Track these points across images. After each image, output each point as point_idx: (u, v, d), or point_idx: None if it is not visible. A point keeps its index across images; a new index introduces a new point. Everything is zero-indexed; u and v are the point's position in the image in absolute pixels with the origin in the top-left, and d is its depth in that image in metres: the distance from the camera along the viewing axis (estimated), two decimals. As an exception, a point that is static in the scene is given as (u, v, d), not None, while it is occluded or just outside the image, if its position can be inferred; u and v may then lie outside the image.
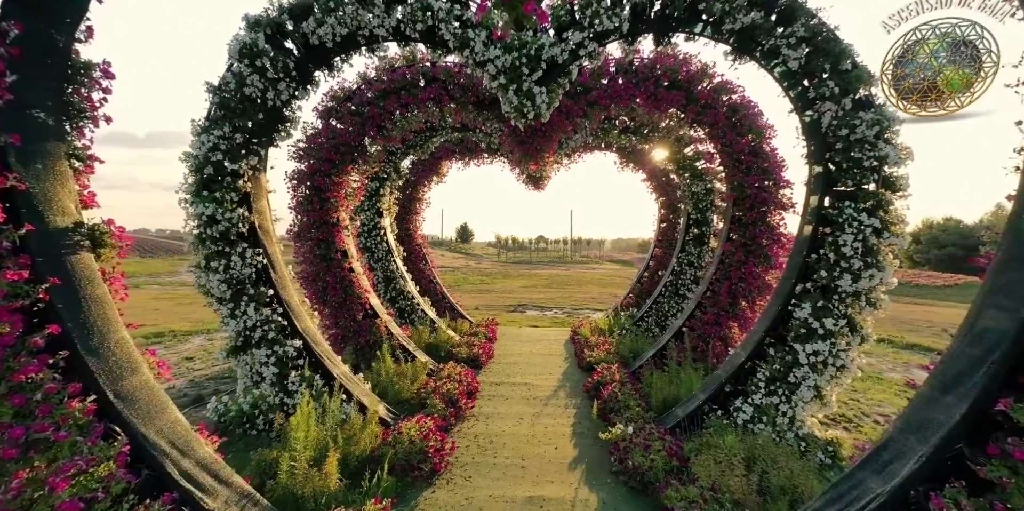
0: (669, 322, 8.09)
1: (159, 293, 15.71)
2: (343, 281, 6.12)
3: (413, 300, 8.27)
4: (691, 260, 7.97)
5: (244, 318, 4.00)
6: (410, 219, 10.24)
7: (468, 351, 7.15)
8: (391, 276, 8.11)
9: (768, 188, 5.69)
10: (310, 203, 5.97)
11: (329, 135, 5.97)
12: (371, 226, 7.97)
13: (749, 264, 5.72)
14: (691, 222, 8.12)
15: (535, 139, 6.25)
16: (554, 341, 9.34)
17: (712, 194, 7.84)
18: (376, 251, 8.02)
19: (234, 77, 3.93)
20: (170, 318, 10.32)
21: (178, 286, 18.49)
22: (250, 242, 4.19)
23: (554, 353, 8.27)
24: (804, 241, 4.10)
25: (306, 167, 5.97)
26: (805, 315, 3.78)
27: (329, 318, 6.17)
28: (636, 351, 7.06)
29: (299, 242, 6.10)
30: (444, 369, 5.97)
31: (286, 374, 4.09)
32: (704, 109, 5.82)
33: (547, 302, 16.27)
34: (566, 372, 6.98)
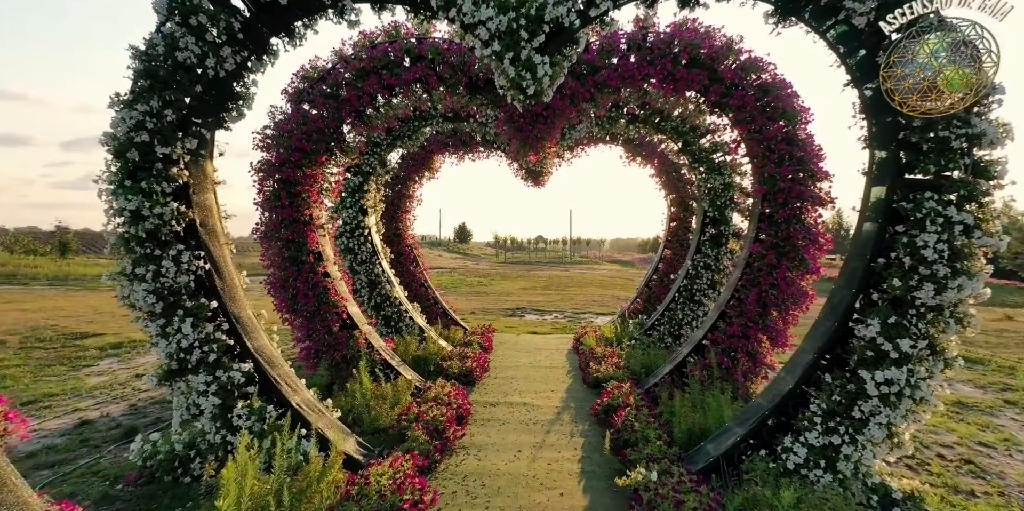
0: (684, 331, 7.35)
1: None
2: (316, 287, 5.36)
3: (400, 307, 7.51)
4: (708, 263, 7.23)
5: (178, 337, 3.24)
6: (400, 218, 9.48)
7: (460, 365, 6.40)
8: (376, 280, 7.36)
9: (803, 181, 4.94)
10: (278, 198, 5.20)
11: (300, 121, 5.20)
12: (354, 225, 7.22)
13: (782, 268, 4.97)
14: (707, 221, 7.37)
15: (535, 126, 5.50)
16: (555, 351, 8.59)
17: (731, 190, 7.10)
18: (359, 253, 7.26)
19: (163, 39, 3.17)
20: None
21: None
22: (189, 244, 3.43)
23: (556, 365, 7.51)
24: (866, 242, 3.35)
25: (273, 157, 5.21)
26: (872, 334, 3.03)
27: (301, 329, 5.41)
28: (649, 366, 6.31)
29: (266, 243, 5.34)
30: (431, 389, 5.21)
31: (231, 405, 3.33)
32: (729, 90, 5.07)
33: (547, 305, 15.53)
34: (570, 389, 6.22)
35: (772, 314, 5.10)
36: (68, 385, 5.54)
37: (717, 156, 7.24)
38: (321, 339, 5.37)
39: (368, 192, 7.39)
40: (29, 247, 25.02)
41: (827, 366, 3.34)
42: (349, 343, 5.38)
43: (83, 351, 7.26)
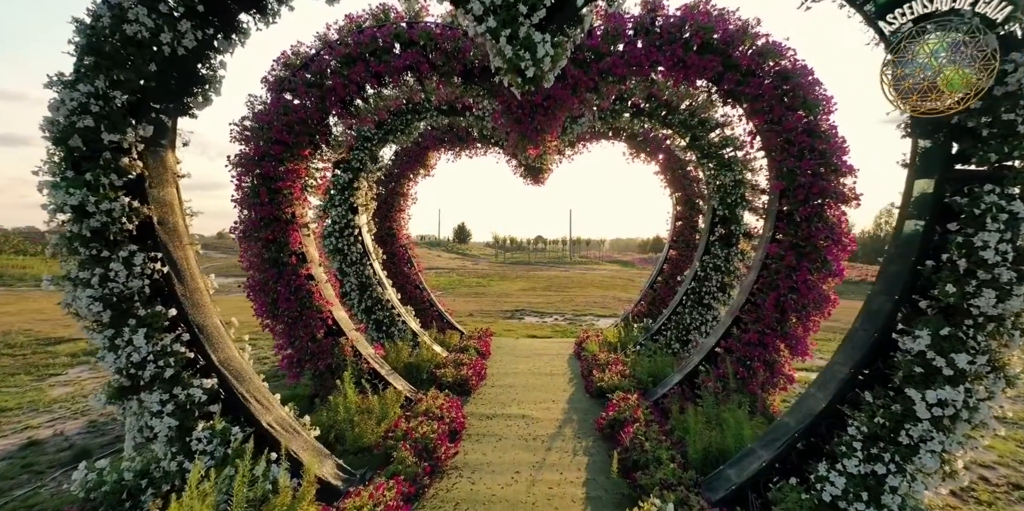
0: (692, 337, 6.96)
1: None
2: (299, 291, 4.97)
3: (393, 310, 7.11)
4: (717, 264, 6.84)
5: (129, 350, 2.84)
6: (393, 217, 9.09)
7: (455, 373, 6.00)
8: (367, 283, 6.96)
9: (825, 176, 4.56)
10: (257, 195, 4.81)
11: (280, 111, 4.81)
12: (343, 224, 6.82)
13: (802, 270, 4.59)
14: (716, 220, 6.99)
15: (535, 117, 5.10)
16: (556, 356, 8.20)
17: (742, 187, 6.71)
18: (349, 254, 6.87)
19: (109, 10, 2.78)
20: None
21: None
22: (145, 244, 3.03)
23: (557, 372, 7.12)
24: (909, 243, 2.96)
25: (252, 150, 4.81)
26: (921, 347, 2.64)
27: (282, 336, 5.02)
28: (656, 374, 5.92)
29: (245, 243, 4.95)
30: (423, 401, 4.81)
31: (189, 427, 2.94)
32: (745, 77, 4.69)
33: (547, 307, 15.14)
34: (572, 399, 5.83)
35: (791, 320, 4.71)
36: (26, 398, 5.14)
37: (727, 151, 6.86)
38: (304, 347, 4.98)
39: (358, 189, 7.00)
40: (19, 247, 24.56)
41: (866, 382, 2.95)
42: (334, 351, 4.99)
43: (54, 358, 6.86)
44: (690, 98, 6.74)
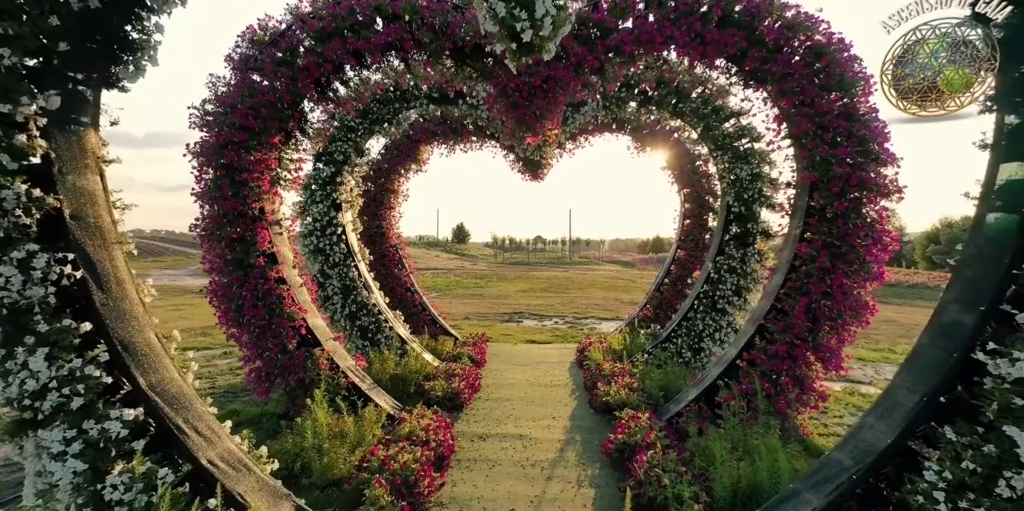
0: (705, 344, 6.39)
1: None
2: (267, 296, 4.40)
3: (380, 316, 6.54)
4: (732, 265, 6.27)
5: (23, 376, 2.27)
6: (383, 215, 8.52)
7: (445, 386, 5.43)
8: (351, 286, 6.39)
9: (864, 165, 4.00)
10: (219, 188, 4.24)
11: (245, 93, 4.24)
12: (325, 222, 6.25)
13: (837, 273, 4.02)
14: (731, 217, 6.42)
15: (533, 101, 4.54)
16: (556, 363, 7.63)
17: (760, 181, 6.15)
18: (332, 254, 6.30)
19: (-6, -54, 2.21)
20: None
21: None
22: (53, 243, 2.46)
23: (557, 382, 6.56)
24: (996, 241, 2.40)
25: (213, 137, 4.24)
26: (1022, 374, 2.08)
27: (248, 348, 4.44)
28: (668, 388, 5.35)
29: (207, 243, 4.38)
30: (406, 422, 4.24)
31: (104, 470, 2.36)
32: (772, 54, 4.14)
33: (546, 309, 14.57)
34: (575, 415, 5.26)
35: (824, 329, 4.15)
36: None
37: (743, 142, 6.30)
38: (273, 359, 4.40)
39: (342, 184, 6.43)
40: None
41: (943, 414, 2.39)
42: (307, 364, 4.41)
43: None
44: (703, 85, 6.20)
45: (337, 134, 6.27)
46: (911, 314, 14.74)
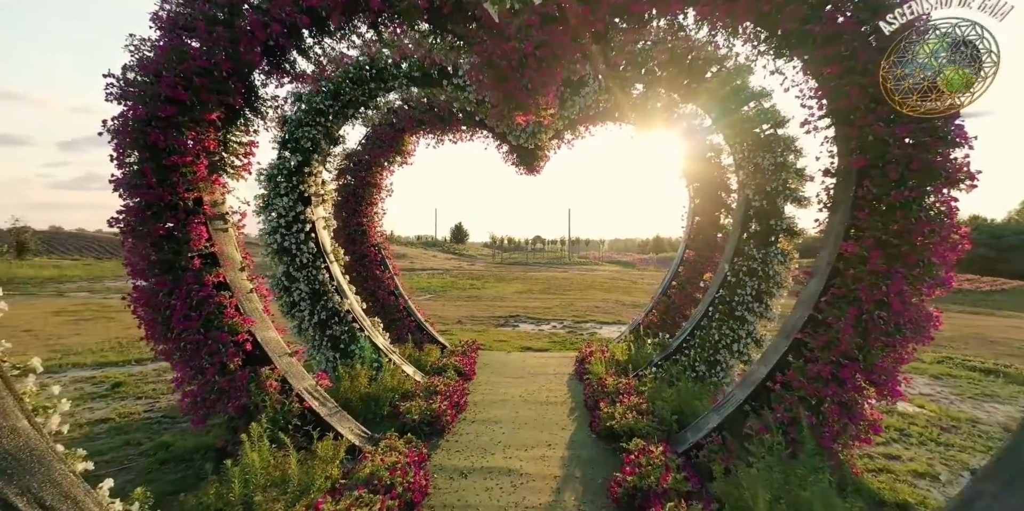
0: (721, 357, 5.65)
1: (69, 303, 12.94)
2: (204, 305, 3.64)
3: (353, 324, 5.78)
4: (753, 267, 5.53)
5: None
6: (363, 211, 7.76)
7: (424, 406, 4.68)
8: (321, 290, 5.63)
9: (929, 146, 3.26)
10: (142, 174, 3.49)
11: (173, 58, 3.49)
12: (291, 218, 5.50)
13: (895, 278, 3.28)
14: (751, 213, 5.68)
15: (524, 72, 3.79)
16: (554, 375, 6.88)
17: (786, 171, 5.41)
18: (299, 254, 5.54)
19: None
20: (35, 343, 7.75)
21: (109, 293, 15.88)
22: None
23: (554, 398, 5.81)
24: None
25: (133, 111, 3.49)
26: None
27: (180, 367, 3.69)
28: (683, 411, 4.61)
29: (131, 241, 3.63)
30: (368, 459, 3.49)
31: None
32: (815, 10, 3.40)
33: (544, 312, 13.83)
34: (574, 442, 4.52)
35: (877, 346, 3.40)
36: None
37: (764, 128, 5.56)
38: (209, 382, 3.65)
39: (311, 175, 5.67)
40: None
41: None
42: (251, 387, 3.66)
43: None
44: (719, 63, 5.46)
45: (304, 118, 5.51)
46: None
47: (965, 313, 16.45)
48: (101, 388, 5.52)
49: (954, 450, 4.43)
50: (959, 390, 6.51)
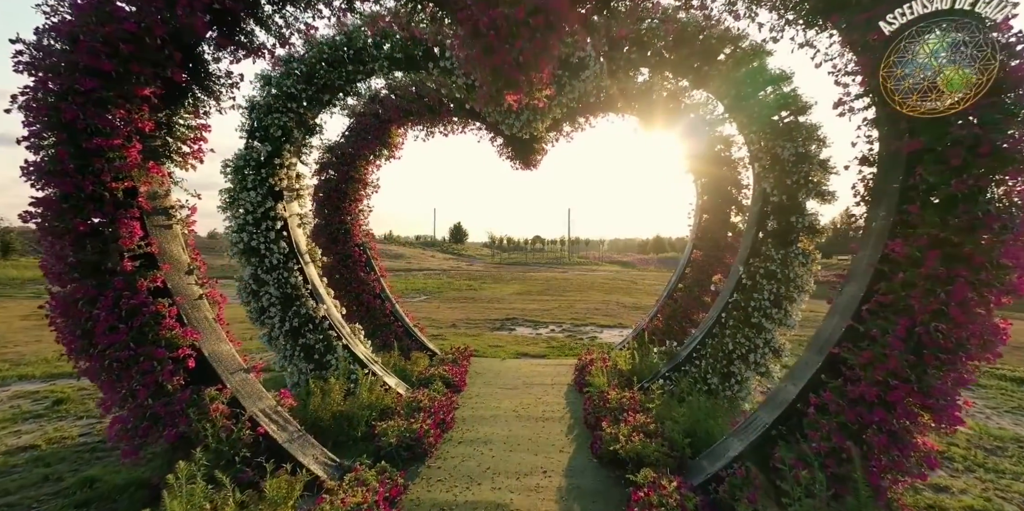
0: (736, 368, 5.09)
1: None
2: (135, 315, 3.08)
3: (330, 332, 5.22)
4: (771, 269, 4.98)
5: None
6: (346, 208, 7.20)
7: (404, 428, 4.12)
8: (294, 294, 5.07)
9: (1001, 125, 2.72)
10: (57, 160, 2.93)
11: (94, 19, 2.93)
12: (259, 214, 4.94)
13: (957, 283, 2.73)
14: (768, 209, 5.13)
15: (515, 43, 3.23)
16: (551, 386, 6.34)
17: (808, 163, 4.85)
18: (268, 255, 4.98)
19: None
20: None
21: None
22: None
23: (551, 413, 5.26)
24: None
25: (44, 83, 2.93)
26: None
27: (108, 389, 3.13)
28: (696, 432, 4.05)
29: (48, 239, 3.07)
30: (329, 499, 2.93)
31: None
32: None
33: (542, 315, 13.27)
34: (573, 468, 3.96)
35: (933, 364, 2.85)
36: None
37: (784, 115, 5.01)
38: (142, 406, 3.09)
39: (282, 168, 5.11)
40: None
41: None
42: (188, 412, 3.10)
43: None
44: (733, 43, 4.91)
45: (274, 103, 4.95)
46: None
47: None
48: (40, 406, 4.94)
49: (1008, 478, 3.88)
50: (993, 402, 5.96)
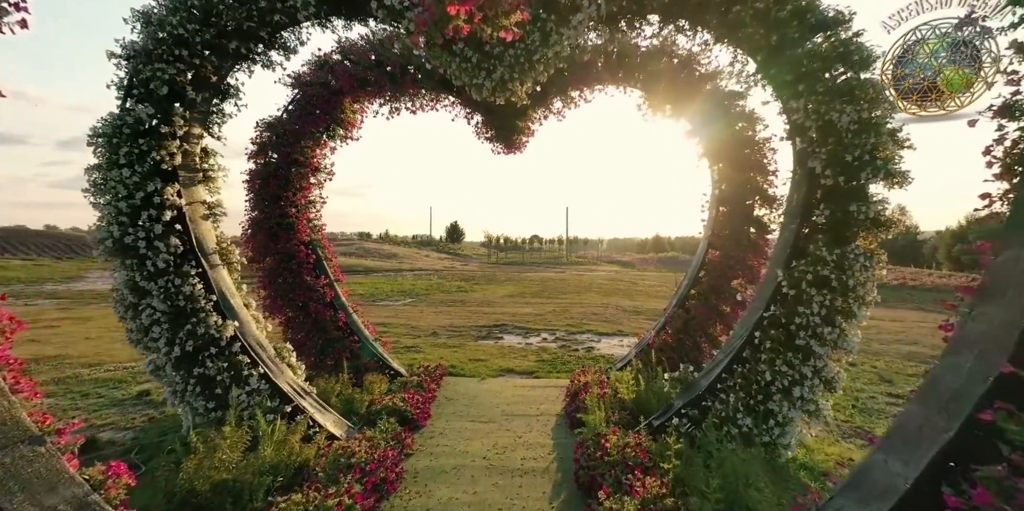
0: (776, 405, 3.84)
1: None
2: None
3: (241, 357, 3.95)
4: (823, 276, 3.72)
5: None
6: (289, 198, 5.93)
7: (316, 499, 2.86)
8: (188, 308, 3.81)
9: None
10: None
11: None
12: (138, 201, 3.68)
13: None
14: (816, 197, 3.89)
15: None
16: (536, 418, 5.09)
17: (875, 134, 3.61)
18: (150, 255, 3.73)
19: None
20: None
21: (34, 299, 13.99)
22: None
23: (533, 464, 4.00)
24: None
25: None
26: None
27: None
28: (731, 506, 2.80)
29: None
30: None
31: None
32: None
33: (535, 320, 12.01)
34: (556, 570, 2.71)
35: None
36: None
37: (841, 71, 3.77)
38: None
39: (173, 138, 3.84)
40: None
41: None
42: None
43: None
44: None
45: (156, 49, 3.69)
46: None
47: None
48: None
49: None
50: None
